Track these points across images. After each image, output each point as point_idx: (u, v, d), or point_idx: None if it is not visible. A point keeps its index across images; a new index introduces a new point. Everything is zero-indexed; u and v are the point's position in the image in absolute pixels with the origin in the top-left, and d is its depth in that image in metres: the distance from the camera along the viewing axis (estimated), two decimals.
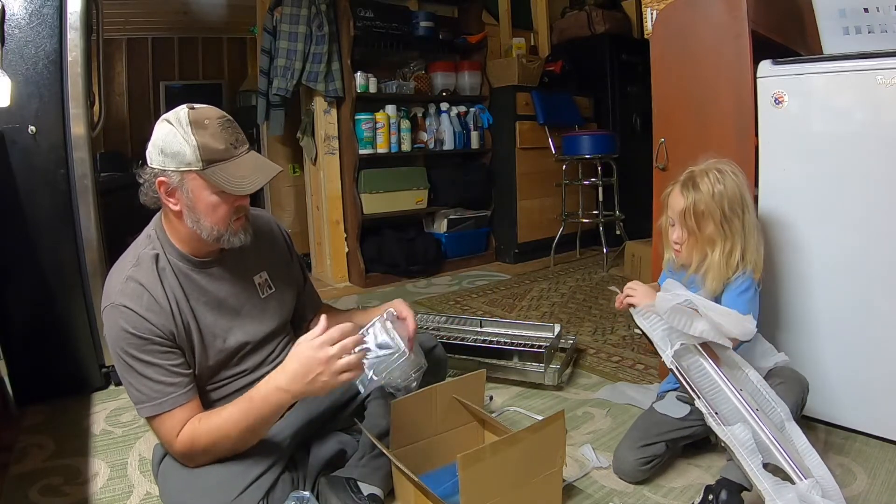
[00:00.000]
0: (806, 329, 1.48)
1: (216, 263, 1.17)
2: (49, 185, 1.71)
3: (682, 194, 1.31)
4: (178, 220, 1.10)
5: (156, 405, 1.05)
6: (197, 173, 1.04)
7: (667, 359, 1.14)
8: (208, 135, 1.04)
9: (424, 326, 2.23)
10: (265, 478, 1.09)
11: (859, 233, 1.39)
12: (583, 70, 3.91)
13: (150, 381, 1.05)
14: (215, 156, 1.04)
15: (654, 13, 1.84)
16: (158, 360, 1.06)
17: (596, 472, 1.34)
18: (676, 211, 1.32)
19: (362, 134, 3.13)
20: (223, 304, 1.17)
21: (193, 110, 1.05)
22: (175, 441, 1.06)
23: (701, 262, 1.32)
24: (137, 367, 1.05)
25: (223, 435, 1.05)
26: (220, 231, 1.09)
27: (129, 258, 1.12)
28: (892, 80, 1.29)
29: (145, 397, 1.06)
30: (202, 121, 1.04)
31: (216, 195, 1.06)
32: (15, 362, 1.73)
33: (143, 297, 1.06)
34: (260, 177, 1.09)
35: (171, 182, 1.06)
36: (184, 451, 1.07)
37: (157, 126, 1.07)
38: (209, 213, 1.07)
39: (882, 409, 1.39)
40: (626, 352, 2.10)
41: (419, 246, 3.33)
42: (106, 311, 1.07)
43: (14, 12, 1.64)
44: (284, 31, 2.95)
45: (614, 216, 3.49)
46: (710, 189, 1.28)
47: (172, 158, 1.04)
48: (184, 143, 1.03)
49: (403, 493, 1.20)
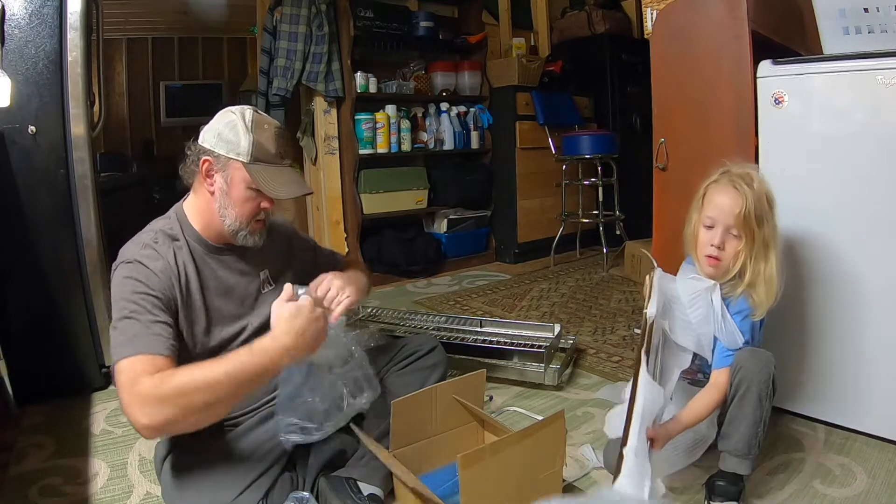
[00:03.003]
0: (805, 329, 1.48)
1: (229, 252, 1.22)
2: (49, 185, 1.71)
3: (738, 191, 1.15)
4: (207, 201, 1.17)
5: (130, 346, 0.99)
6: (243, 164, 1.12)
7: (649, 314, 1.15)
8: (265, 136, 1.14)
9: (424, 327, 2.23)
10: (265, 478, 1.09)
11: (860, 232, 1.39)
12: (583, 70, 3.91)
13: (139, 324, 1.02)
14: (264, 157, 1.14)
15: (654, 13, 1.85)
16: (155, 313, 1.04)
17: (596, 472, 1.34)
18: (730, 213, 1.15)
19: (362, 134, 3.13)
20: (231, 290, 1.21)
21: (257, 114, 1.16)
22: (142, 380, 0.94)
23: (746, 272, 1.18)
24: (133, 311, 1.03)
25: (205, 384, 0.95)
26: (241, 225, 1.16)
27: (148, 232, 1.16)
28: (892, 80, 1.29)
29: (127, 338, 1.00)
30: (263, 124, 1.15)
31: (250, 190, 1.14)
32: (15, 362, 1.73)
33: (158, 262, 1.10)
34: (294, 189, 1.17)
35: (216, 163, 1.14)
36: (147, 393, 0.93)
37: (219, 114, 1.16)
38: (238, 205, 1.14)
39: (882, 409, 1.39)
40: (626, 352, 2.10)
41: (419, 246, 3.33)
42: (118, 268, 1.10)
43: (14, 12, 1.64)
44: (284, 31, 2.95)
45: (614, 216, 3.49)
46: (761, 188, 1.17)
47: (226, 143, 1.12)
48: (242, 135, 1.12)
49: (403, 493, 1.20)
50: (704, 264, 1.22)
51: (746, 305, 1.20)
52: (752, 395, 1.12)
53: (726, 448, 1.15)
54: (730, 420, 1.15)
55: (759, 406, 1.12)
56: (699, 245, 1.22)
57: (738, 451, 1.13)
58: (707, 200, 1.21)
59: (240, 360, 0.99)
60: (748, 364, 1.14)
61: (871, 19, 1.43)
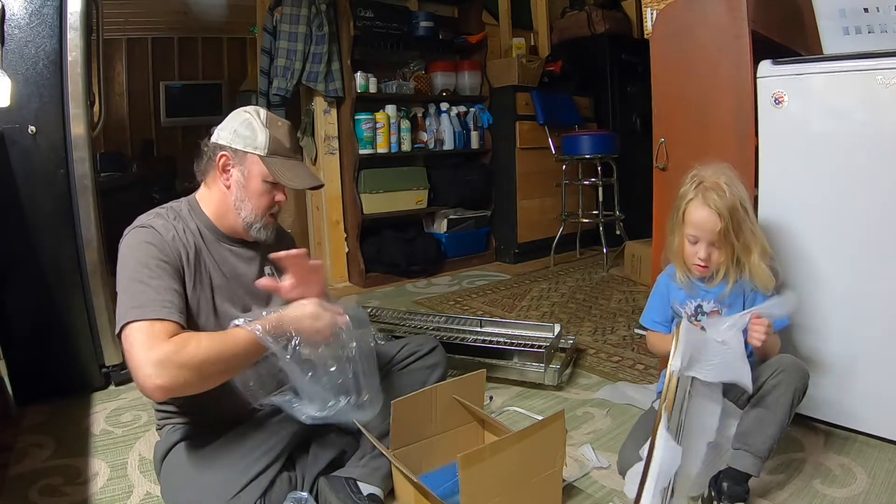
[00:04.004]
0: (805, 329, 1.48)
1: (239, 244, 1.25)
2: (49, 185, 1.71)
3: (712, 210, 1.22)
4: (223, 196, 1.20)
5: (148, 310, 1.00)
6: (260, 157, 1.17)
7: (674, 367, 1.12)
8: (280, 133, 1.20)
9: (424, 327, 2.23)
10: (263, 476, 1.09)
11: (859, 233, 1.39)
12: (583, 70, 3.91)
13: (150, 289, 1.03)
14: (279, 150, 1.19)
15: (654, 13, 1.84)
16: (164, 275, 1.06)
17: (596, 472, 1.34)
18: (710, 231, 1.23)
19: (362, 134, 3.13)
20: (240, 277, 1.23)
21: (270, 113, 1.22)
22: (161, 343, 0.96)
23: (734, 270, 1.27)
24: (143, 274, 1.04)
25: (219, 351, 0.99)
26: (256, 218, 1.20)
27: (159, 208, 1.19)
28: (892, 80, 1.29)
29: (140, 302, 1.01)
30: (276, 121, 1.21)
31: (266, 184, 1.18)
32: (15, 362, 1.73)
33: (168, 230, 1.13)
34: (308, 181, 1.23)
35: (234, 158, 1.18)
36: (167, 355, 0.95)
37: (233, 114, 1.21)
38: (254, 197, 1.19)
39: (882, 409, 1.39)
40: (626, 352, 2.10)
41: (419, 246, 3.33)
42: (131, 231, 1.11)
43: (14, 12, 1.64)
44: (284, 31, 2.95)
45: (614, 216, 3.49)
46: (732, 193, 1.23)
47: (243, 139, 1.17)
48: (259, 130, 1.17)
49: (403, 493, 1.20)
50: (694, 270, 1.31)
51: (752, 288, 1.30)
52: (788, 399, 1.14)
53: (747, 446, 1.14)
54: (759, 419, 1.15)
55: (789, 412, 1.14)
56: (686, 256, 1.31)
57: (759, 451, 1.13)
58: (686, 218, 1.28)
59: (252, 337, 1.02)
60: (790, 369, 1.17)
61: (871, 19, 1.43)
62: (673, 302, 1.38)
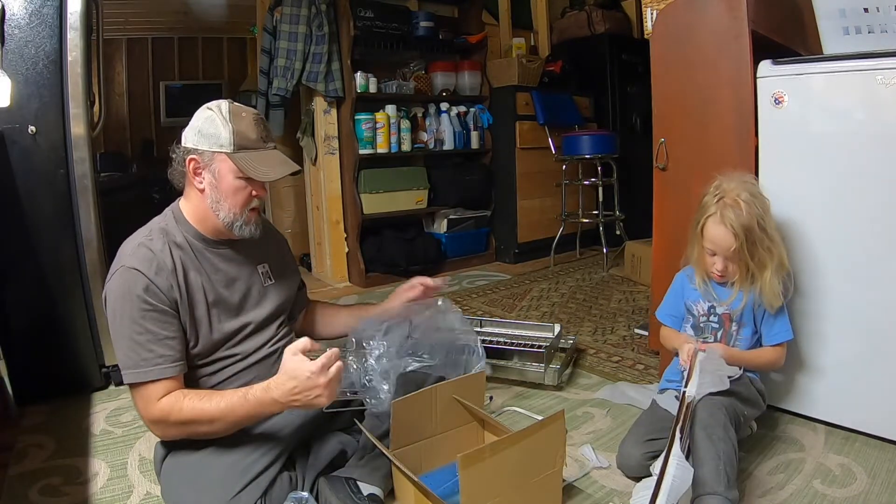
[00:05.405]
0: (805, 329, 1.48)
1: (228, 246, 1.23)
2: (49, 185, 1.71)
3: (728, 228, 1.27)
4: (199, 200, 1.18)
5: (142, 373, 1.07)
6: (227, 155, 1.14)
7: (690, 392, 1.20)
8: (244, 124, 1.15)
9: None
10: (264, 476, 1.10)
11: (859, 233, 1.39)
12: (583, 70, 3.90)
13: (141, 348, 1.07)
14: (247, 143, 1.15)
15: (654, 13, 1.85)
16: (155, 328, 1.08)
17: (596, 472, 1.34)
18: (725, 248, 1.29)
19: (362, 134, 3.13)
20: (234, 282, 1.23)
21: (233, 104, 1.17)
22: (154, 407, 1.07)
23: (748, 284, 1.33)
24: (133, 331, 1.07)
25: (206, 418, 1.06)
26: (236, 216, 1.17)
27: (144, 230, 1.18)
28: (892, 80, 1.29)
29: (132, 363, 1.07)
30: (240, 113, 1.17)
31: (240, 180, 1.15)
32: (15, 362, 1.73)
33: (153, 263, 1.11)
34: (281, 169, 1.18)
35: (202, 160, 1.15)
36: (158, 418, 1.08)
37: (198, 112, 1.18)
38: (230, 196, 1.16)
39: (882, 409, 1.39)
40: (626, 352, 2.10)
41: (419, 246, 3.33)
42: (115, 274, 1.11)
43: (14, 12, 1.64)
44: (284, 31, 2.95)
45: (614, 216, 3.49)
46: (750, 212, 1.27)
47: (207, 139, 1.14)
48: (221, 127, 1.14)
49: (403, 493, 1.20)
50: (713, 276, 1.38)
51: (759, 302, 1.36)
52: (703, 435, 1.13)
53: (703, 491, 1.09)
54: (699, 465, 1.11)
55: (710, 444, 1.12)
56: (706, 265, 1.37)
57: (715, 489, 1.07)
58: (704, 233, 1.33)
59: (236, 401, 1.06)
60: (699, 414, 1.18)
61: (871, 19, 1.43)
62: (687, 300, 1.44)
